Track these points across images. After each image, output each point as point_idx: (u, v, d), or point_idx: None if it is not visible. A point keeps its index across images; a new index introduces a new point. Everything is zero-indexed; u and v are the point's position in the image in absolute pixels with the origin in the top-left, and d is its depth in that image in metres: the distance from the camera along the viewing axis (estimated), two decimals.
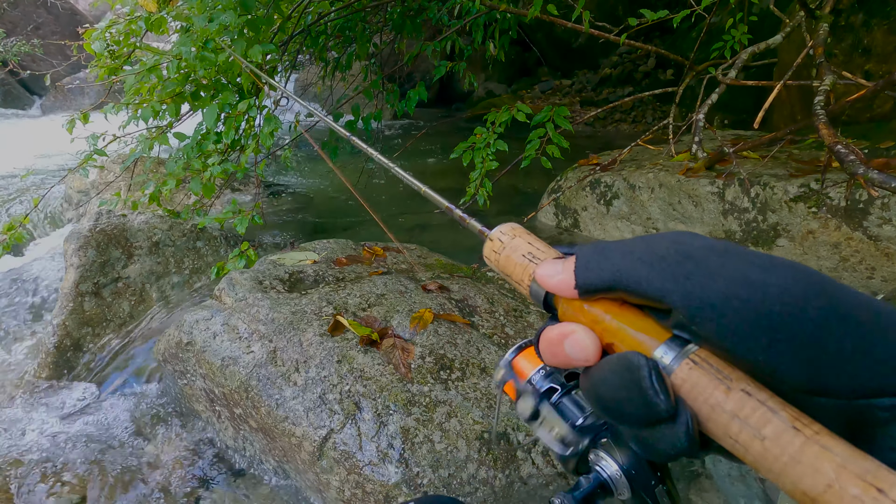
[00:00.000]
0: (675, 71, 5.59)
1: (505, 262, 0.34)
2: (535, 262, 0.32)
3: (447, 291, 1.51)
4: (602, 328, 0.28)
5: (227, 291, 1.42)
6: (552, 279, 0.29)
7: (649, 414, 0.24)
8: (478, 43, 2.77)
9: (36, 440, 1.37)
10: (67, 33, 7.31)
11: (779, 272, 0.24)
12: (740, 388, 0.23)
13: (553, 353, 0.29)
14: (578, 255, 0.29)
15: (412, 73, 5.84)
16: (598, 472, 0.33)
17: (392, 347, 1.25)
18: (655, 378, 0.24)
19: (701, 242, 0.27)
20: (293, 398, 1.14)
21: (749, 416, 0.22)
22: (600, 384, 0.27)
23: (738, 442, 0.23)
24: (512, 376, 0.39)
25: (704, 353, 0.25)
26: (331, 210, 3.08)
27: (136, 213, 1.98)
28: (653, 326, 0.27)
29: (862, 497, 0.19)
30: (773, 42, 2.11)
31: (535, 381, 0.37)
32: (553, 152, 2.00)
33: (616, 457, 0.33)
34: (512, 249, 0.33)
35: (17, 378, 1.65)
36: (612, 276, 0.27)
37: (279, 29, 2.56)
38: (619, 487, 0.33)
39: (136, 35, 2.26)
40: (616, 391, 0.26)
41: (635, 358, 0.25)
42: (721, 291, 0.24)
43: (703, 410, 0.24)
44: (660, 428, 0.25)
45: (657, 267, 0.26)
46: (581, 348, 0.28)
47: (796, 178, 1.77)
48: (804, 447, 0.21)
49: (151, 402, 1.48)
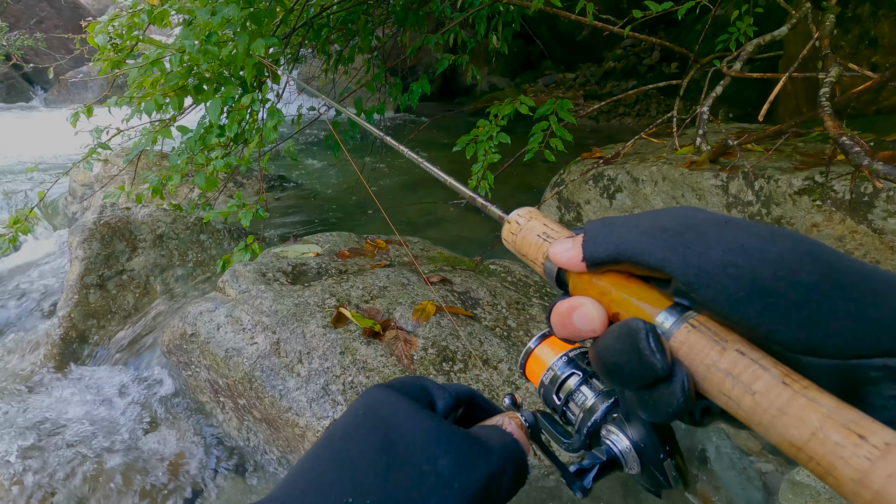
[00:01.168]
0: (679, 64, 5.55)
1: (521, 242, 0.35)
2: (549, 241, 0.33)
3: (449, 284, 1.51)
4: (609, 299, 0.29)
5: (230, 283, 1.43)
6: (563, 255, 0.31)
7: (647, 373, 0.25)
8: (481, 36, 2.75)
9: (41, 430, 1.39)
10: (70, 27, 7.31)
11: (776, 241, 0.25)
12: (734, 349, 0.24)
13: (563, 325, 0.30)
14: (587, 230, 0.30)
15: (415, 66, 5.82)
16: (609, 445, 0.34)
17: (394, 339, 1.25)
18: (653, 339, 0.26)
19: (704, 215, 0.28)
20: (296, 389, 1.15)
21: (741, 373, 0.23)
22: (604, 350, 0.28)
23: (730, 398, 0.24)
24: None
25: (703, 319, 0.26)
26: (333, 203, 3.08)
27: (140, 206, 1.99)
28: (655, 295, 0.28)
29: (843, 443, 0.20)
30: (778, 34, 2.09)
31: (556, 368, 0.38)
32: (556, 145, 1.99)
33: (627, 431, 0.33)
34: (528, 231, 0.35)
35: (23, 369, 1.66)
36: (616, 248, 0.28)
37: (282, 22, 2.55)
38: (628, 461, 0.34)
39: (138, 28, 2.26)
40: (618, 355, 0.27)
41: (634, 322, 0.26)
42: (718, 259, 0.25)
43: (699, 370, 0.25)
44: (658, 388, 0.26)
45: (659, 238, 0.27)
46: (589, 319, 0.29)
47: (801, 170, 1.76)
48: (792, 400, 0.22)
49: (156, 393, 1.49)
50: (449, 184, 0.47)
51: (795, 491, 1.00)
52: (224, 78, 2.19)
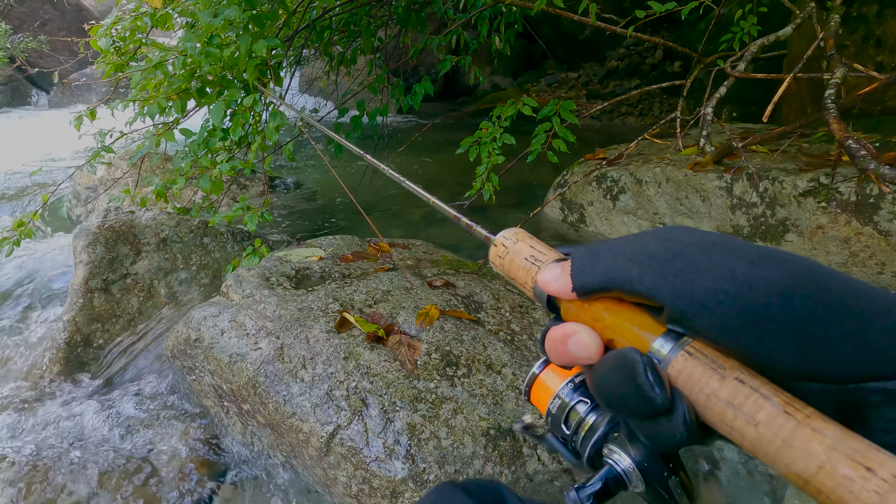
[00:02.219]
0: (682, 63, 5.53)
1: (509, 265, 0.35)
2: (538, 264, 0.33)
3: (453, 288, 1.51)
4: (602, 325, 0.29)
5: (234, 288, 1.43)
6: (552, 284, 0.31)
7: (647, 407, 0.25)
8: (483, 37, 2.75)
9: (46, 434, 1.39)
10: (74, 30, 7.33)
11: (765, 265, 0.24)
12: (734, 377, 0.24)
13: (558, 353, 0.30)
14: (573, 259, 0.30)
15: (417, 67, 5.82)
16: (611, 465, 0.34)
17: (398, 344, 1.25)
18: (650, 373, 0.25)
19: (690, 238, 0.28)
20: (300, 394, 1.15)
21: (743, 403, 0.23)
22: (601, 381, 0.28)
23: (733, 429, 0.23)
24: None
25: (699, 345, 0.25)
26: (336, 206, 3.08)
27: (144, 210, 1.99)
28: (649, 322, 0.27)
29: (852, 476, 0.20)
30: (783, 34, 2.08)
31: (563, 395, 0.37)
32: (559, 146, 1.98)
33: (629, 451, 0.33)
34: (515, 253, 0.34)
35: (28, 372, 1.67)
36: (605, 277, 0.28)
37: (284, 24, 2.55)
38: (632, 480, 0.33)
39: (141, 31, 2.26)
40: (616, 387, 0.26)
41: (630, 354, 0.26)
42: (709, 287, 0.25)
43: (699, 400, 0.25)
44: (660, 420, 0.26)
45: (647, 266, 0.27)
46: (583, 347, 0.29)
47: (806, 172, 1.75)
48: (796, 431, 0.21)
49: (161, 398, 1.50)
50: (432, 203, 0.47)
51: (802, 498, 1.00)
52: (227, 81, 2.20)
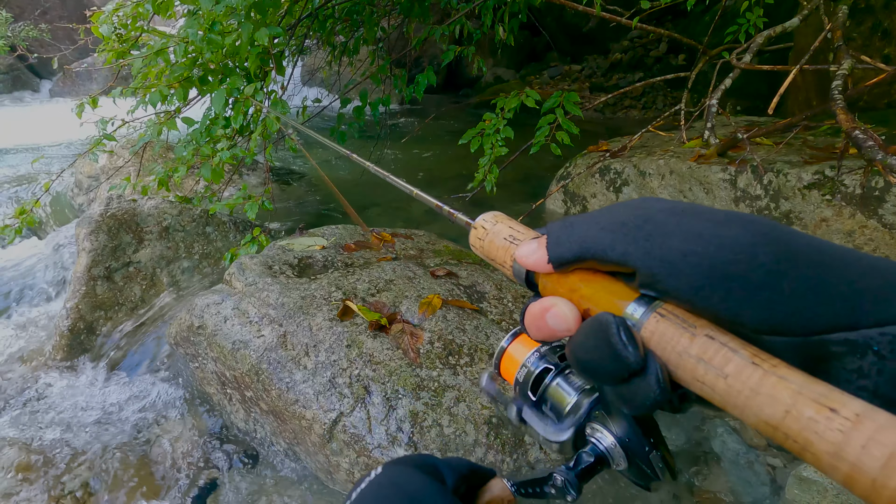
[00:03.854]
0: (686, 56, 5.49)
1: (489, 247, 0.35)
2: (516, 242, 0.33)
3: (455, 277, 1.51)
4: (579, 296, 0.30)
5: (237, 276, 1.43)
6: (529, 258, 0.31)
7: (621, 367, 0.26)
8: (487, 27, 2.73)
9: (48, 422, 1.40)
10: (75, 17, 7.28)
11: (730, 225, 0.25)
12: (704, 334, 0.24)
13: (538, 327, 0.30)
14: (549, 232, 0.31)
15: (420, 57, 5.78)
16: (594, 444, 0.34)
17: (401, 332, 1.25)
18: (623, 332, 0.26)
19: (661, 205, 0.28)
20: (303, 381, 1.16)
21: (712, 357, 0.24)
22: (578, 348, 0.28)
23: (704, 383, 0.24)
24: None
25: (670, 307, 0.26)
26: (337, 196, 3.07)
27: (146, 198, 1.99)
28: (622, 289, 0.28)
29: (815, 418, 0.20)
30: (789, 25, 2.06)
31: (529, 364, 0.38)
32: (563, 139, 1.97)
33: (610, 427, 0.34)
34: (494, 235, 0.35)
35: (31, 360, 1.67)
36: (579, 247, 0.29)
37: (286, 12, 2.54)
38: (615, 458, 0.34)
39: (143, 18, 2.24)
40: (591, 352, 0.27)
41: (604, 317, 0.27)
42: (677, 248, 0.25)
43: (671, 358, 0.25)
44: (634, 381, 0.26)
45: (619, 233, 0.28)
46: (562, 319, 0.29)
47: (811, 165, 1.75)
48: (763, 379, 0.22)
49: (163, 385, 1.50)
50: (415, 195, 0.48)
51: (802, 487, 1.00)
52: (229, 69, 2.18)
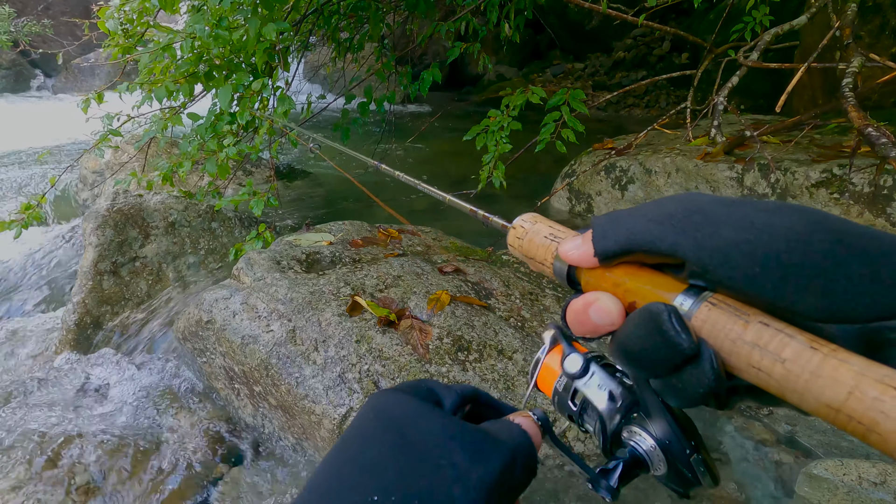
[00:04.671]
0: (690, 54, 5.48)
1: (528, 245, 0.36)
2: (557, 241, 0.34)
3: (463, 274, 1.51)
4: (623, 290, 0.29)
5: (245, 271, 1.43)
6: (574, 252, 0.31)
7: (674, 354, 0.25)
8: (492, 23, 2.72)
9: (53, 416, 1.40)
10: (77, 13, 7.27)
11: (783, 214, 0.25)
12: (758, 321, 0.24)
13: (580, 322, 0.30)
14: (594, 225, 0.30)
15: (424, 54, 5.77)
16: (633, 447, 0.33)
17: (410, 328, 1.25)
18: (675, 319, 0.25)
19: (708, 198, 0.28)
20: (313, 377, 1.16)
21: (768, 342, 0.24)
22: (626, 339, 0.28)
23: (760, 369, 0.24)
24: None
25: (721, 297, 0.26)
26: (343, 192, 3.07)
27: (152, 194, 1.99)
28: (669, 281, 0.28)
29: (881, 398, 0.20)
30: (797, 23, 2.06)
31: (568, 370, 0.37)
32: (568, 136, 1.97)
33: (650, 430, 0.33)
34: (534, 233, 0.35)
35: (38, 355, 1.67)
36: (626, 239, 0.29)
37: (292, 8, 2.53)
38: (654, 462, 0.33)
39: (149, 14, 2.24)
40: (641, 341, 0.27)
41: (654, 306, 0.26)
42: (729, 238, 0.25)
43: (724, 346, 0.25)
44: (686, 370, 0.26)
45: (667, 224, 0.27)
46: (606, 313, 0.29)
47: (819, 163, 1.74)
48: (823, 362, 0.22)
49: (171, 380, 1.50)
50: (448, 200, 0.48)
51: (813, 484, 1.00)
52: (235, 65, 2.18)
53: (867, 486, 0.94)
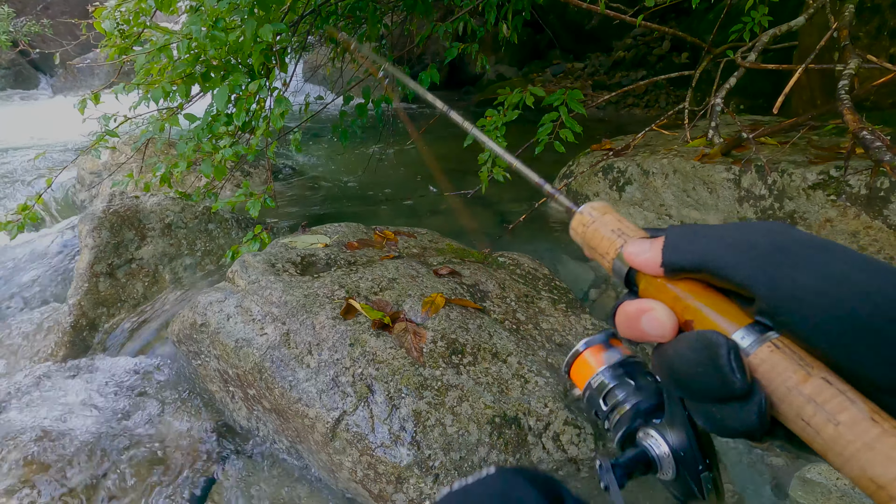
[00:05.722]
0: (690, 54, 5.47)
1: (592, 235, 0.35)
2: (623, 237, 0.33)
3: (458, 276, 1.50)
4: (682, 307, 0.29)
5: (240, 274, 1.43)
6: (639, 257, 0.30)
7: (723, 390, 0.25)
8: (490, 24, 2.72)
9: (49, 418, 1.40)
10: (77, 13, 7.27)
11: (874, 270, 0.24)
12: (820, 376, 0.23)
13: (629, 327, 0.30)
14: (668, 235, 0.30)
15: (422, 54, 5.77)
16: (645, 448, 0.34)
17: (404, 331, 1.25)
18: (734, 356, 0.25)
19: (798, 235, 0.27)
20: (306, 380, 1.15)
21: (827, 401, 0.23)
22: (675, 359, 0.27)
23: (809, 424, 0.23)
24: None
25: (786, 341, 0.25)
26: (340, 194, 3.07)
27: (149, 195, 1.99)
28: (734, 311, 0.27)
29: None
30: (795, 24, 2.05)
31: (605, 375, 0.37)
32: (567, 136, 1.96)
33: (667, 437, 0.33)
34: (601, 224, 0.34)
35: (34, 357, 1.67)
36: (700, 258, 0.28)
37: (289, 9, 2.53)
38: (664, 466, 0.33)
39: (145, 14, 2.24)
40: (691, 366, 0.26)
41: (714, 336, 0.26)
42: (809, 285, 0.24)
43: (778, 391, 0.24)
44: (732, 405, 0.25)
45: (747, 255, 0.26)
46: (658, 324, 0.28)
47: (815, 164, 1.74)
48: (881, 437, 0.21)
49: (166, 383, 1.50)
50: (514, 167, 0.47)
51: (806, 488, 1.00)
52: (231, 66, 2.18)
53: (860, 491, 0.94)
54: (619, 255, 0.32)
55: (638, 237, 0.32)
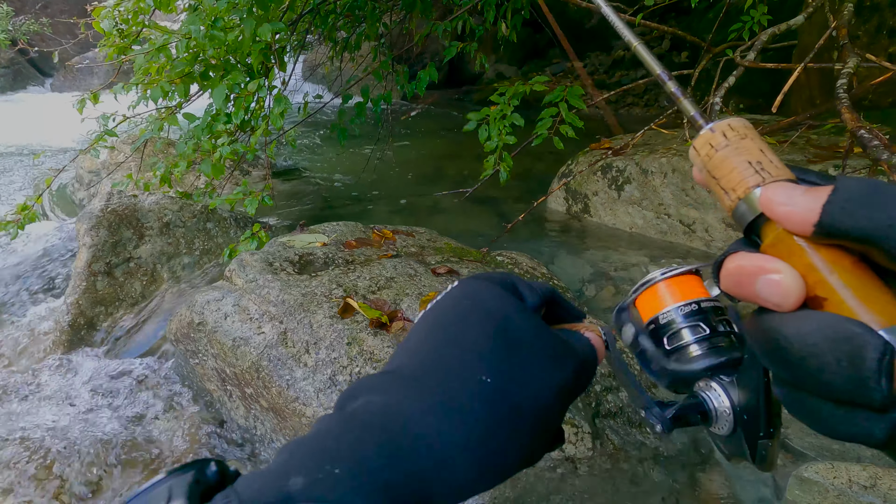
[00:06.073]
0: (689, 53, 5.47)
1: (720, 162, 0.28)
2: (762, 175, 0.26)
3: (457, 275, 1.50)
4: (816, 279, 0.23)
5: (237, 273, 1.43)
6: (786, 208, 0.24)
7: (856, 395, 0.21)
8: (489, 23, 2.72)
9: (47, 417, 1.40)
10: (76, 11, 7.27)
11: None
12: None
13: (738, 283, 0.25)
14: (839, 188, 0.23)
15: (422, 53, 5.76)
16: (703, 399, 0.31)
17: (402, 330, 1.25)
18: (885, 365, 0.20)
19: None
20: (304, 379, 1.15)
21: None
22: (796, 340, 0.22)
23: None
24: None
25: None
26: (338, 193, 3.07)
27: (147, 194, 1.99)
28: (888, 301, 0.22)
29: None
30: (794, 23, 2.05)
31: (676, 314, 0.33)
32: (567, 132, 1.96)
33: (732, 395, 0.30)
34: (737, 151, 0.27)
35: (32, 355, 1.67)
36: (877, 228, 0.21)
37: (288, 8, 2.53)
38: (720, 421, 0.31)
39: (144, 13, 2.24)
40: (818, 357, 0.22)
41: (863, 333, 0.21)
42: None
43: None
44: (857, 411, 0.21)
45: None
46: (780, 292, 0.23)
47: (814, 163, 1.74)
48: None
49: (164, 381, 1.50)
50: (634, 48, 0.40)
51: (803, 487, 1.00)
52: (230, 65, 2.18)
53: (857, 490, 0.94)
54: (751, 197, 0.26)
55: (783, 178, 0.26)
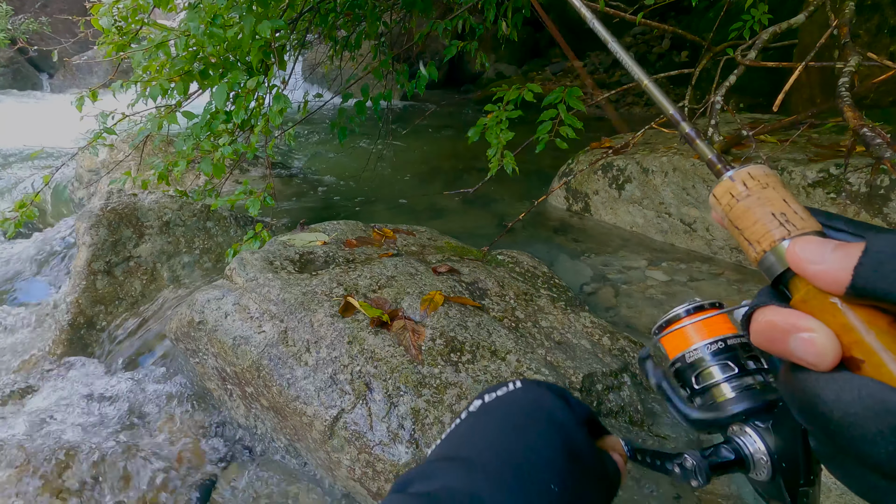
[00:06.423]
0: (689, 52, 5.47)
1: (742, 213, 0.26)
2: (787, 227, 0.25)
3: (457, 274, 1.50)
4: (853, 339, 0.22)
5: (237, 271, 1.43)
6: (817, 267, 0.23)
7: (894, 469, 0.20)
8: (490, 22, 2.71)
9: (46, 417, 1.40)
10: (75, 10, 7.25)
11: None
12: None
13: (770, 339, 0.24)
14: (871, 248, 0.22)
15: (422, 52, 5.76)
16: (738, 445, 0.31)
17: (403, 329, 1.24)
18: None
19: None
20: (304, 378, 1.15)
21: None
22: (835, 406, 0.21)
23: None
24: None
25: None
26: (338, 192, 3.07)
27: (147, 193, 1.98)
28: None
29: None
30: (795, 22, 2.04)
31: (704, 352, 0.33)
32: (567, 133, 1.96)
33: (768, 441, 0.30)
34: (760, 201, 0.26)
35: (31, 354, 1.67)
36: None
37: (288, 6, 2.52)
38: (757, 468, 0.31)
39: (143, 11, 2.23)
40: (860, 427, 0.21)
41: None
42: None
43: None
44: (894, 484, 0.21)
45: None
46: (815, 352, 0.22)
47: (815, 162, 1.74)
48: None
49: (164, 380, 1.50)
50: (644, 85, 0.38)
51: None
52: (230, 63, 2.17)
53: None
54: (778, 250, 0.25)
55: (810, 231, 0.25)
